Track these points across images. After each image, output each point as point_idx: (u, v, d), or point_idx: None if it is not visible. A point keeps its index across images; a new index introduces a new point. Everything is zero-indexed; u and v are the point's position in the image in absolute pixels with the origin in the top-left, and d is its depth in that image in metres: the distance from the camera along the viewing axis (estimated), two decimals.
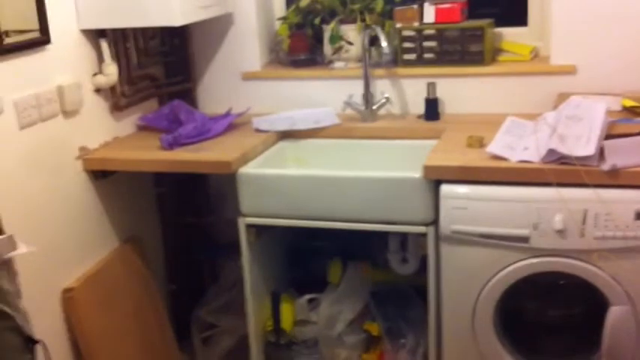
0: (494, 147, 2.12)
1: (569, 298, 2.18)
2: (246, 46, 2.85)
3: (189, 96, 2.89)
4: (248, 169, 2.34)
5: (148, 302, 2.62)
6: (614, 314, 1.97)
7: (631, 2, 2.38)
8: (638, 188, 1.92)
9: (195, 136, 2.53)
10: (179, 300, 2.89)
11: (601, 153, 1.95)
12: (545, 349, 2.19)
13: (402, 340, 2.41)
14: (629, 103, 2.24)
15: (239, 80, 2.88)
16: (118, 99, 2.57)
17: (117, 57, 2.54)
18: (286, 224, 2.35)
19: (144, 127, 2.71)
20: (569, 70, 2.49)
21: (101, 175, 2.48)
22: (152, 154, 2.41)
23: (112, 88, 2.54)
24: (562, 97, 2.39)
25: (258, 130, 2.61)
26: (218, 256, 2.94)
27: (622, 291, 1.96)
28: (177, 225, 2.93)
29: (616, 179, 1.92)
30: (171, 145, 2.44)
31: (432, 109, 2.60)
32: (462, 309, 2.15)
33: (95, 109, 2.48)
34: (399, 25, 2.67)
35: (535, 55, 2.66)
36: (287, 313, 2.53)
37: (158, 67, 2.82)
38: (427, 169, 2.12)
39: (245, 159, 2.37)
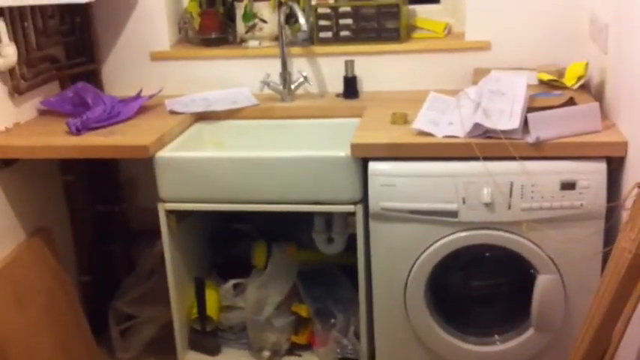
0: (420, 123, 2.12)
1: (499, 270, 2.24)
2: (153, 24, 2.71)
3: (94, 78, 2.73)
4: (166, 153, 2.24)
5: (62, 296, 2.47)
6: (542, 283, 2.03)
7: None
8: (561, 159, 1.97)
9: (105, 119, 2.39)
10: (94, 292, 2.75)
11: (525, 126, 1.99)
12: (477, 321, 2.23)
13: (332, 320, 2.39)
14: (546, 76, 2.30)
15: (147, 60, 2.74)
16: (17, 82, 2.39)
17: (14, 38, 2.35)
18: (208, 209, 2.28)
19: (46, 112, 2.54)
20: (484, 46, 2.53)
21: (3, 164, 2.30)
22: (59, 140, 2.26)
23: (11, 71, 2.36)
24: (478, 73, 2.43)
25: (172, 112, 2.50)
26: (133, 245, 2.81)
27: (549, 260, 2.02)
28: (88, 214, 2.78)
29: (540, 151, 1.97)
30: (79, 130, 2.29)
31: (351, 87, 2.58)
32: (393, 286, 2.16)
33: None
34: (314, 3, 2.62)
35: (448, 31, 2.69)
36: (212, 299, 2.46)
37: (59, 48, 2.64)
38: (354, 147, 2.10)
39: (162, 142, 2.27)
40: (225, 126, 2.55)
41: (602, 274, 1.87)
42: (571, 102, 2.09)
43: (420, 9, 2.75)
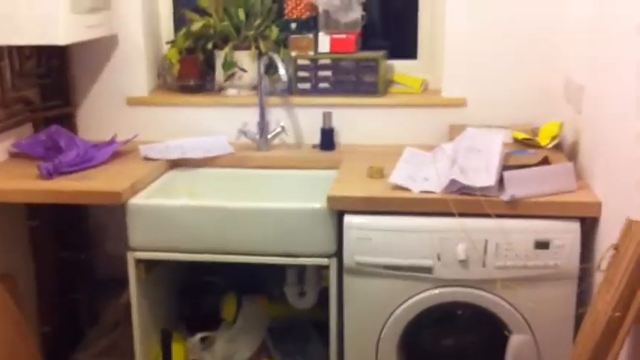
0: (396, 177, 2.11)
1: (472, 328, 2.20)
2: (131, 69, 2.70)
3: (68, 121, 2.69)
4: (139, 200, 2.20)
5: (22, 347, 2.36)
6: (515, 342, 2.00)
7: (515, 40, 2.48)
8: (536, 218, 1.97)
9: (78, 164, 2.35)
10: (55, 343, 2.64)
11: (500, 183, 1.99)
12: None
13: None
14: (520, 135, 2.32)
15: (124, 106, 2.72)
16: None
17: None
18: (178, 258, 2.22)
19: (17, 155, 2.49)
20: (460, 103, 2.55)
21: None
22: (30, 184, 2.21)
23: None
24: (454, 129, 2.45)
25: (146, 159, 2.47)
26: (97, 294, 2.73)
27: (522, 320, 2.00)
28: (53, 261, 2.69)
29: (515, 209, 1.96)
30: (50, 174, 2.25)
31: (328, 138, 2.57)
32: (365, 342, 2.11)
33: None
34: (294, 54, 2.63)
35: (425, 87, 2.71)
36: (178, 353, 2.38)
37: (34, 90, 2.60)
38: (331, 200, 2.08)
39: (134, 189, 2.23)
40: (199, 174, 2.52)
41: (574, 335, 1.86)
42: (546, 161, 2.10)
43: (398, 64, 2.77)
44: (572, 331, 1.96)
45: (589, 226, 1.98)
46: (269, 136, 2.58)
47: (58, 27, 2.18)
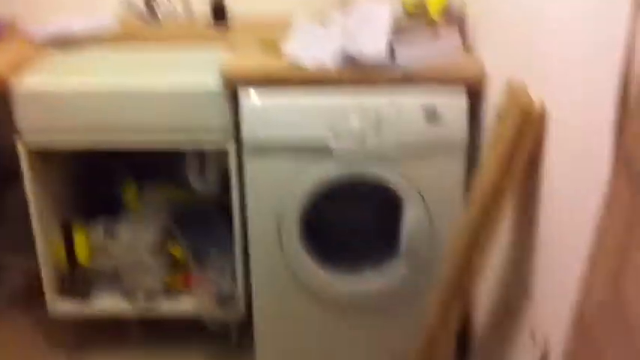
0: (290, 50, 2.05)
1: (369, 203, 2.22)
2: None
3: None
4: (25, 84, 2.07)
5: None
6: (409, 212, 2.03)
7: None
8: (426, 89, 1.95)
9: None
10: None
11: (391, 54, 1.95)
12: (349, 254, 2.21)
13: (208, 260, 2.32)
14: (410, 6, 2.26)
15: None
16: None
17: None
18: (73, 146, 2.14)
19: None
20: None
21: None
22: None
23: None
24: None
25: (29, 39, 2.31)
26: None
27: (415, 191, 2.02)
28: None
29: (405, 79, 1.94)
30: None
31: (220, 11, 2.44)
32: (268, 222, 2.11)
33: None
34: None
35: None
36: (81, 242, 2.33)
37: None
38: (225, 77, 2.01)
39: (18, 72, 2.09)
40: (85, 54, 2.36)
41: (464, 203, 1.89)
42: (435, 31, 2.06)
43: None
44: (462, 199, 1.99)
45: (477, 95, 1.98)
46: (156, 10, 2.44)
47: None
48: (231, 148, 2.10)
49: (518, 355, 1.52)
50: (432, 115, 1.93)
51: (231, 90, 2.03)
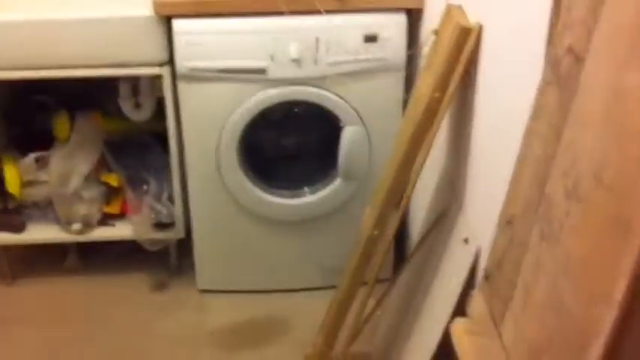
0: None
1: (308, 125, 2.28)
2: None
3: None
4: None
5: None
6: (348, 134, 2.10)
7: None
8: (364, 12, 2.01)
9: None
10: None
11: None
12: (289, 176, 2.29)
13: (145, 186, 2.34)
14: None
15: None
16: None
17: None
18: (2, 78, 2.09)
19: None
20: None
21: None
22: None
23: None
24: None
25: None
26: None
27: (354, 112, 2.09)
28: None
29: (344, 5, 1.99)
30: None
31: None
32: (205, 148, 2.14)
33: None
34: None
35: None
36: (12, 175, 2.29)
37: None
38: (157, 5, 2.00)
39: None
40: None
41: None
42: None
43: None
44: (400, 119, 2.08)
45: (415, 16, 2.05)
46: None
47: None
48: (166, 75, 2.10)
49: (453, 257, 1.65)
50: (371, 39, 2.00)
51: (165, 17, 2.02)
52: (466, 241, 1.58)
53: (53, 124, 2.35)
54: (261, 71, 2.03)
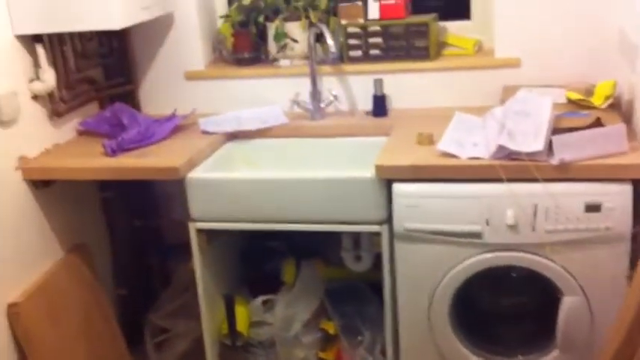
0: (444, 144, 2.12)
1: (524, 290, 2.23)
2: (188, 45, 2.79)
3: (131, 98, 2.82)
4: (196, 174, 2.29)
5: (97, 310, 2.55)
6: (567, 305, 2.01)
7: None
8: (586, 181, 1.96)
9: (140, 140, 2.46)
10: (130, 305, 2.83)
11: (549, 148, 1.98)
12: (501, 341, 2.22)
13: (359, 337, 2.41)
14: (574, 95, 2.28)
15: (182, 80, 2.82)
16: (56, 105, 2.48)
17: (54, 61, 2.44)
18: (237, 228, 2.33)
19: (85, 132, 2.63)
20: (514, 63, 2.52)
21: (42, 184, 2.39)
22: (95, 162, 2.33)
23: (50, 94, 2.45)
24: (507, 90, 2.42)
25: (204, 132, 2.56)
26: (169, 259, 2.89)
27: (574, 282, 2.01)
28: (125, 228, 2.86)
29: (565, 173, 1.95)
30: (114, 152, 2.37)
31: (380, 105, 2.60)
32: (418, 305, 2.17)
33: (33, 116, 2.39)
34: (343, 22, 2.65)
35: (479, 48, 2.68)
36: (242, 315, 2.51)
37: (97, 70, 2.74)
38: (379, 169, 2.12)
39: (192, 163, 2.32)
40: (255, 145, 2.60)
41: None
42: (598, 123, 2.06)
43: (451, 25, 2.75)
44: (624, 293, 1.95)
45: None
46: (322, 105, 2.63)
47: (114, 11, 2.27)
48: (384, 233, 2.20)
49: None
50: (594, 208, 1.94)
51: (385, 179, 2.13)
52: None
53: (281, 269, 2.55)
54: (477, 235, 2.04)
